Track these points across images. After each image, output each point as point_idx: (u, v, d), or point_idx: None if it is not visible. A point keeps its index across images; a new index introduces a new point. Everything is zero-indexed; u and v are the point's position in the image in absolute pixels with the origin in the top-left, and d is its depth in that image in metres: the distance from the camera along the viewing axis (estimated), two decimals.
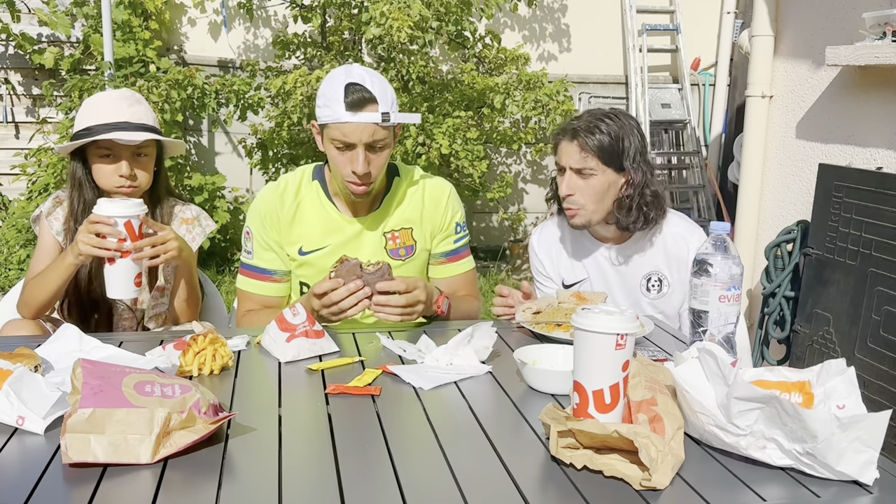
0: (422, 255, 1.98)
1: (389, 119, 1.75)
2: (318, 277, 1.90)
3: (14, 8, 5.00)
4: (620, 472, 1.05)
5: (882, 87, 2.74)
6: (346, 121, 1.73)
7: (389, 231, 1.94)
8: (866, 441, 1.04)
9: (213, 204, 5.22)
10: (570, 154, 1.89)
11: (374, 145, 1.77)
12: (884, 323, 2.45)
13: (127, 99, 1.97)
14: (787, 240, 2.97)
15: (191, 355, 1.44)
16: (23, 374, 1.22)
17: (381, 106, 1.75)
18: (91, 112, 1.94)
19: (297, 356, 1.53)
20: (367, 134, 1.74)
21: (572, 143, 1.88)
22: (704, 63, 6.39)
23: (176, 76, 4.65)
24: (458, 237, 2.02)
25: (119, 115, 1.91)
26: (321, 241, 1.91)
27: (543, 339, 1.68)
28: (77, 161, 1.97)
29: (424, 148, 4.88)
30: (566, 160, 1.90)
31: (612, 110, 1.93)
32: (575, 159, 1.88)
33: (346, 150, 1.77)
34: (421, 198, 1.97)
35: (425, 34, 4.57)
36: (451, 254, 2.02)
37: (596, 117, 1.89)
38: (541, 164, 6.43)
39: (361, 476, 1.06)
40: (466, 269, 2.05)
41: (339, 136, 1.76)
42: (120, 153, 1.91)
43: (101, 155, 1.91)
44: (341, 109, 1.73)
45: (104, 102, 1.97)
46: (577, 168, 1.88)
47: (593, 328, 1.14)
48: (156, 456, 1.07)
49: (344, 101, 1.73)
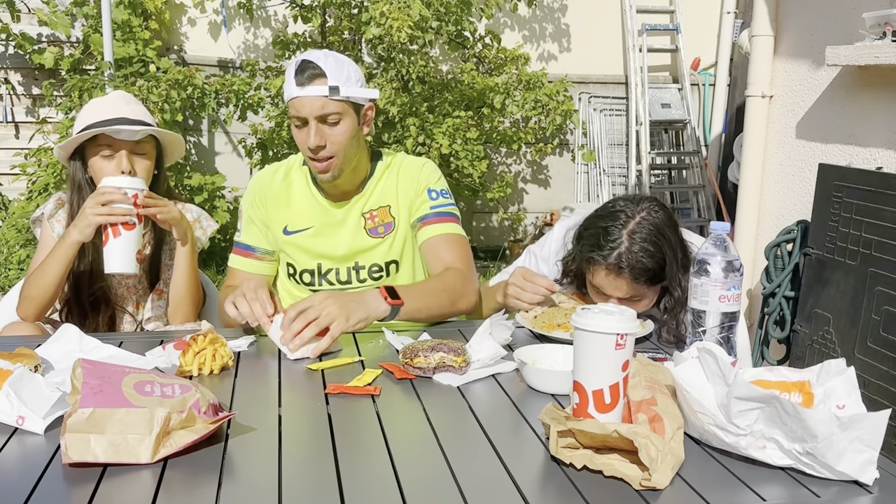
0: (402, 230, 1.97)
1: (339, 92, 1.79)
2: (302, 259, 1.96)
3: (14, 8, 5.00)
4: (620, 472, 1.05)
5: (882, 87, 2.74)
6: (296, 95, 1.80)
7: (367, 211, 1.96)
8: (866, 441, 1.05)
9: (213, 204, 5.22)
10: (618, 288, 1.74)
11: (326, 118, 1.80)
12: (884, 323, 2.45)
13: (124, 98, 2.01)
14: (787, 240, 2.97)
15: (191, 355, 1.44)
16: (23, 374, 1.22)
17: (329, 80, 1.79)
18: (89, 113, 1.96)
19: (304, 354, 1.54)
20: (316, 107, 1.79)
21: (619, 278, 1.72)
22: (704, 63, 6.39)
23: (176, 76, 4.65)
24: (435, 203, 1.96)
25: (117, 112, 1.94)
26: (305, 223, 1.95)
27: (543, 339, 1.68)
28: (76, 162, 1.98)
29: (424, 148, 4.88)
30: (612, 291, 1.75)
31: (642, 215, 1.74)
32: (624, 292, 1.74)
33: (303, 127, 1.83)
34: (396, 174, 1.98)
35: (425, 34, 4.57)
36: (428, 217, 1.95)
37: (635, 240, 1.70)
38: (541, 164, 6.43)
39: (361, 476, 1.06)
40: (446, 231, 1.94)
41: (293, 112, 1.82)
42: (119, 148, 1.92)
43: (100, 152, 1.93)
44: (293, 86, 1.80)
45: (102, 102, 2.00)
46: (626, 297, 1.76)
47: (593, 328, 1.14)
48: (156, 456, 1.07)
49: (294, 77, 1.80)
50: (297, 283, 2.00)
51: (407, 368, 1.46)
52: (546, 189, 6.48)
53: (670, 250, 1.72)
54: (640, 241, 1.70)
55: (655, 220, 1.73)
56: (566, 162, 6.46)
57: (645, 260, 1.69)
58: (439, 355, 1.44)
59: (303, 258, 1.96)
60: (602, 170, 6.32)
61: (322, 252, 1.95)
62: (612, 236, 1.72)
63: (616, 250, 1.70)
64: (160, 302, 2.03)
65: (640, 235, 1.71)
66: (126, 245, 1.77)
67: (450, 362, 1.44)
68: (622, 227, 1.72)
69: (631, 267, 1.69)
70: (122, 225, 1.76)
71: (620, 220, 1.74)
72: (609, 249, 1.71)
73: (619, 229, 1.72)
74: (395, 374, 1.44)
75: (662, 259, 1.71)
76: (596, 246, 1.73)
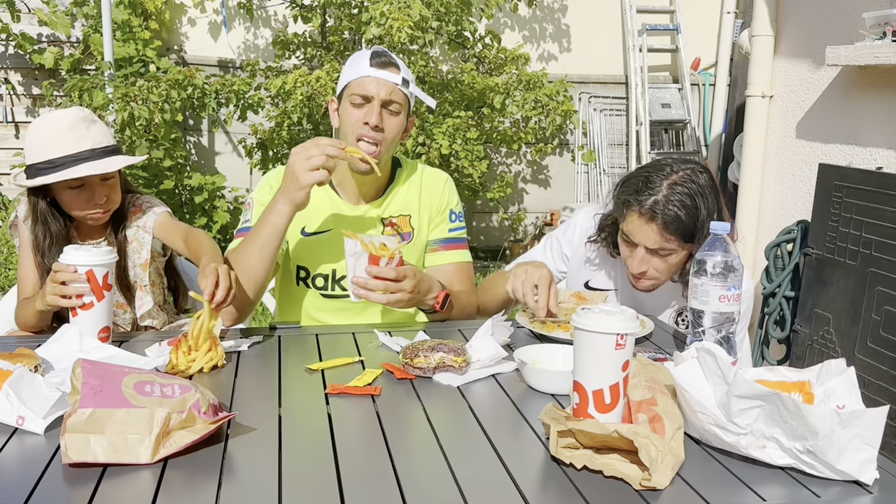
0: (419, 242, 1.98)
1: (409, 85, 1.85)
2: (316, 262, 1.92)
3: (14, 8, 5.00)
4: (620, 472, 1.05)
5: (882, 87, 2.74)
6: (367, 74, 1.82)
7: (388, 217, 1.96)
8: (865, 438, 1.05)
9: (212, 204, 5.22)
10: (648, 235, 1.73)
11: (389, 105, 1.83)
12: (884, 323, 2.45)
13: (84, 120, 1.86)
14: (787, 240, 2.97)
15: (181, 353, 1.44)
16: (23, 374, 1.22)
17: (402, 72, 1.85)
18: (49, 140, 1.82)
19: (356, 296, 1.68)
20: (385, 90, 1.82)
21: (651, 223, 1.71)
22: (704, 63, 6.39)
23: (176, 76, 4.65)
24: (453, 226, 2.02)
25: (80, 143, 1.82)
26: (323, 225, 1.93)
27: (543, 339, 1.68)
28: (38, 196, 1.87)
29: (424, 148, 4.88)
30: (641, 238, 1.74)
31: (687, 173, 1.73)
32: (653, 241, 1.73)
33: (364, 105, 1.83)
34: (419, 186, 2.00)
35: (425, 34, 4.57)
36: (446, 242, 2.01)
37: (674, 191, 1.70)
38: (541, 163, 6.43)
39: (361, 476, 1.06)
40: (460, 259, 2.02)
41: (359, 90, 1.83)
42: (90, 182, 1.84)
43: (69, 186, 1.83)
44: (366, 66, 1.83)
45: (60, 128, 1.83)
46: (654, 248, 1.74)
47: (593, 328, 1.14)
48: (156, 456, 1.07)
49: (370, 59, 1.83)
50: (307, 288, 1.95)
51: (407, 368, 1.46)
52: (546, 189, 6.48)
53: (706, 210, 1.70)
54: (679, 192, 1.70)
55: (699, 181, 1.73)
56: (566, 162, 6.46)
57: (679, 212, 1.69)
58: (439, 355, 1.44)
59: (318, 262, 1.93)
60: (602, 170, 6.32)
61: (337, 258, 1.91)
62: (653, 184, 1.73)
63: (653, 197, 1.71)
64: (146, 298, 2.01)
65: (680, 188, 1.71)
66: (86, 324, 1.55)
67: (450, 362, 1.44)
68: (665, 177, 1.73)
69: (664, 214, 1.69)
70: (79, 308, 1.55)
71: (664, 172, 1.74)
72: (647, 195, 1.71)
73: (661, 179, 1.73)
74: (396, 374, 1.44)
75: (696, 216, 1.70)
76: (635, 191, 1.74)
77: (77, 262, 1.53)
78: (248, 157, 5.31)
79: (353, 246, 1.68)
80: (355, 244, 1.68)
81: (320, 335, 1.71)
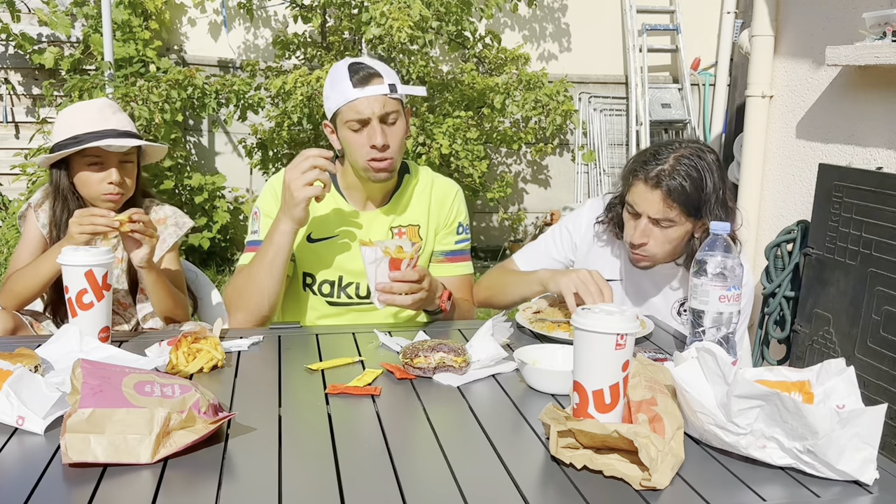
0: (425, 252, 1.99)
1: (396, 90, 1.80)
2: (322, 269, 1.91)
3: (14, 8, 5.00)
4: (620, 472, 1.05)
5: (882, 87, 2.74)
6: (355, 97, 1.77)
7: (397, 226, 1.95)
8: (864, 437, 1.05)
9: (213, 204, 5.22)
10: (651, 203, 1.75)
11: (387, 118, 1.80)
12: (884, 323, 2.45)
13: (111, 107, 1.96)
14: (787, 240, 2.97)
15: (181, 353, 1.44)
16: (23, 375, 1.22)
17: (385, 79, 1.80)
18: (75, 121, 1.91)
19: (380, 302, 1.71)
20: (378, 106, 1.78)
21: (655, 191, 1.74)
22: (704, 63, 6.39)
23: (176, 76, 4.65)
24: (459, 238, 2.03)
25: (106, 123, 1.90)
26: (330, 231, 1.92)
27: (543, 339, 1.68)
28: (61, 171, 1.94)
29: (424, 148, 4.88)
30: (645, 207, 1.77)
31: (694, 148, 1.78)
32: (656, 209, 1.75)
33: (363, 129, 1.80)
34: (429, 196, 1.99)
35: (425, 34, 4.57)
36: (451, 254, 2.02)
37: (681, 162, 1.74)
38: (541, 163, 6.43)
39: (361, 476, 1.06)
40: (464, 272, 2.04)
41: (352, 115, 1.79)
42: (109, 161, 1.90)
43: (89, 163, 1.89)
44: (349, 88, 1.78)
45: (88, 111, 1.94)
46: (657, 218, 1.77)
47: (593, 328, 1.14)
48: (156, 456, 1.07)
49: (350, 79, 1.78)
50: (313, 294, 1.94)
51: (407, 368, 1.46)
52: (546, 189, 6.48)
53: (711, 184, 1.75)
54: (685, 164, 1.74)
55: (706, 157, 1.77)
56: (566, 162, 6.46)
57: (684, 182, 1.73)
58: (439, 355, 1.44)
59: (323, 268, 1.91)
60: (602, 170, 6.32)
61: (344, 265, 1.91)
62: (661, 156, 1.77)
63: (660, 166, 1.75)
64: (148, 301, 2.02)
65: (686, 161, 1.75)
66: (86, 324, 1.52)
67: (450, 362, 1.44)
68: (672, 151, 1.78)
69: (669, 183, 1.73)
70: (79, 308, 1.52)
71: (672, 146, 1.79)
72: (654, 165, 1.76)
73: (669, 152, 1.77)
74: (396, 374, 1.44)
75: (701, 188, 1.74)
76: (642, 162, 1.79)
77: (76, 263, 1.51)
78: (248, 158, 5.30)
79: (373, 253, 1.67)
80: (374, 251, 1.67)
81: (320, 335, 1.71)
